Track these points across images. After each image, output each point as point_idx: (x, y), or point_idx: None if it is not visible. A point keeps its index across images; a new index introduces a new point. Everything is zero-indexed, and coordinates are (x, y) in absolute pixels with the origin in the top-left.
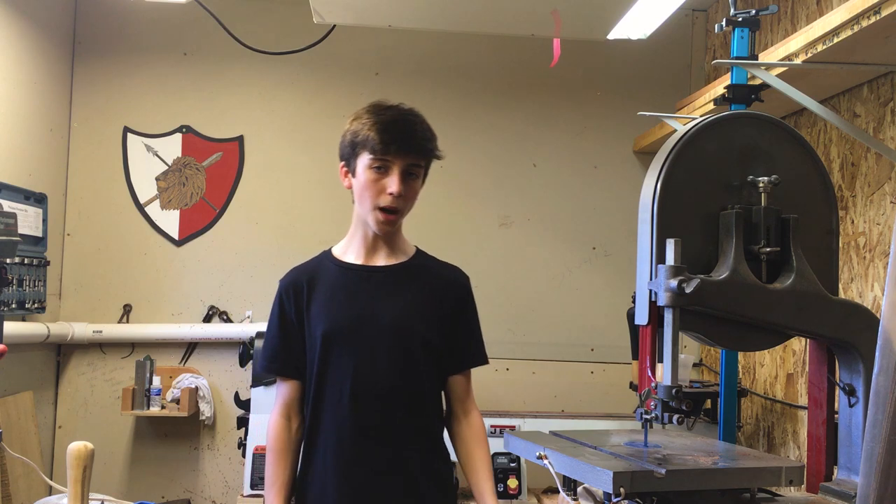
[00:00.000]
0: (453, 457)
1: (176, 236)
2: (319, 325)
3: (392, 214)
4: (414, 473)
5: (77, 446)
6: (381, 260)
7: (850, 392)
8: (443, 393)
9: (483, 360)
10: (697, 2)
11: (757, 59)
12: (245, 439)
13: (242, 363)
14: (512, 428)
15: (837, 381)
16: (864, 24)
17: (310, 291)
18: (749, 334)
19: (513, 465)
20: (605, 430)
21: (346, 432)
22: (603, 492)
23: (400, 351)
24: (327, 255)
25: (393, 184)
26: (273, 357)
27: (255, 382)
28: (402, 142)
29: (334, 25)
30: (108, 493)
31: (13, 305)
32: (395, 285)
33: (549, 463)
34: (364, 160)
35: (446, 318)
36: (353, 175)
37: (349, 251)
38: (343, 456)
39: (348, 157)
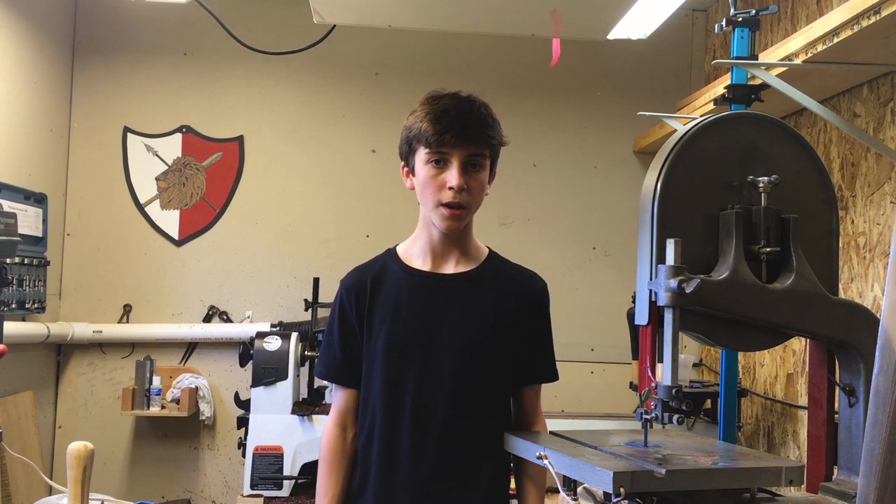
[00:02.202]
0: None
1: (176, 236)
2: (381, 335)
3: (457, 209)
4: (482, 488)
5: (77, 446)
6: (451, 266)
7: (850, 392)
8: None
9: (554, 376)
10: (697, 2)
11: (757, 59)
12: (245, 439)
13: (242, 363)
14: None
15: (837, 381)
16: (864, 24)
17: (373, 295)
18: (749, 334)
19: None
20: (605, 430)
21: (406, 445)
22: (603, 492)
23: (467, 368)
24: (391, 255)
25: (453, 177)
26: (332, 363)
27: (255, 382)
28: (458, 131)
29: (334, 25)
30: (108, 493)
31: (13, 305)
32: (464, 295)
33: (549, 463)
34: (421, 156)
35: (520, 330)
36: (413, 174)
37: (415, 254)
38: (402, 467)
39: (406, 154)
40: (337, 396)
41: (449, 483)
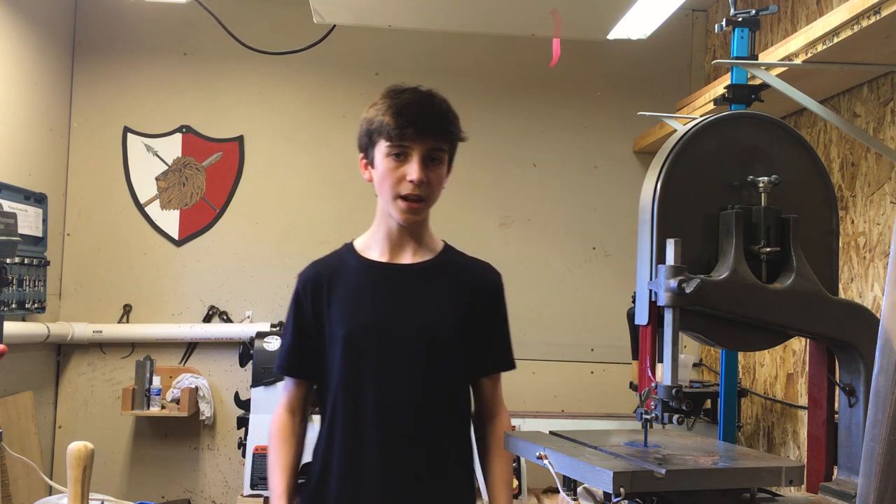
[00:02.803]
0: None
1: (176, 236)
2: (341, 327)
3: (416, 202)
4: (448, 476)
5: (77, 446)
6: (408, 257)
7: (850, 392)
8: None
9: (510, 364)
10: (697, 2)
11: (757, 59)
12: (245, 439)
13: (242, 363)
14: (512, 428)
15: (837, 381)
16: (864, 24)
17: (330, 289)
18: (749, 334)
19: (513, 465)
20: (605, 430)
21: (369, 437)
22: (603, 492)
23: (427, 356)
24: (349, 249)
25: (413, 171)
26: (287, 357)
27: (255, 382)
28: (419, 125)
29: (334, 25)
30: (108, 493)
31: (13, 305)
32: (422, 285)
33: (549, 463)
34: (381, 148)
35: (476, 320)
36: (373, 166)
37: (373, 246)
38: (366, 461)
39: (366, 146)
40: (287, 387)
41: (414, 475)
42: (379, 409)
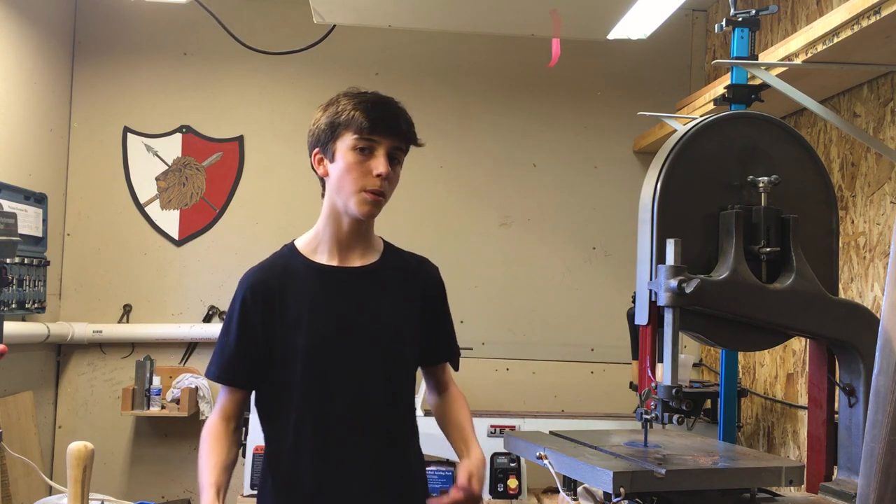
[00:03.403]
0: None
1: (176, 236)
2: (300, 336)
3: (379, 196)
4: (412, 470)
5: (77, 446)
6: (357, 259)
7: (850, 392)
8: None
9: (456, 351)
10: (697, 2)
11: (757, 59)
12: (245, 439)
13: None
14: (512, 428)
15: (837, 381)
16: (864, 24)
17: (282, 296)
18: (749, 334)
19: (513, 465)
20: (605, 430)
21: (342, 442)
22: (603, 492)
23: (388, 357)
24: (293, 252)
25: (380, 164)
26: (227, 365)
27: None
28: (389, 122)
29: (334, 25)
30: (108, 493)
31: (13, 305)
32: (373, 288)
33: (549, 463)
34: (347, 141)
35: (424, 315)
36: (332, 160)
37: (319, 250)
38: (340, 464)
39: (325, 141)
40: (224, 397)
41: (388, 471)
42: (350, 414)
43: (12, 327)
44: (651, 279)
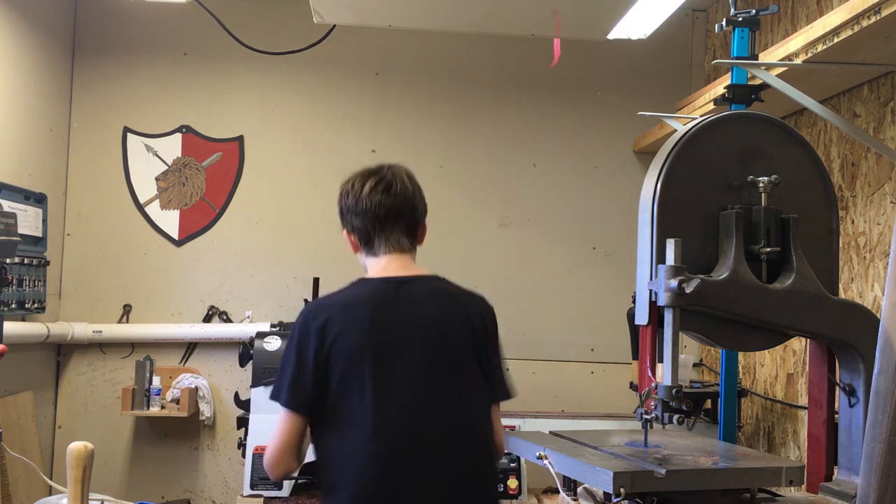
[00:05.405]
0: None
1: (176, 236)
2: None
3: None
4: None
5: (77, 446)
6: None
7: (851, 392)
8: None
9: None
10: (697, 2)
11: (757, 59)
12: (245, 439)
13: (242, 363)
14: (512, 428)
15: (837, 381)
16: (864, 24)
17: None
18: (749, 334)
19: (513, 465)
20: (605, 430)
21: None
22: (603, 492)
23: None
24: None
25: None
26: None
27: (255, 382)
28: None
29: (334, 25)
30: (108, 493)
31: (13, 305)
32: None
33: (549, 463)
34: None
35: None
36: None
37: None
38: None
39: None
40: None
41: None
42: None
43: (12, 327)
44: (651, 279)
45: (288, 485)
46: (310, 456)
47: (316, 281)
